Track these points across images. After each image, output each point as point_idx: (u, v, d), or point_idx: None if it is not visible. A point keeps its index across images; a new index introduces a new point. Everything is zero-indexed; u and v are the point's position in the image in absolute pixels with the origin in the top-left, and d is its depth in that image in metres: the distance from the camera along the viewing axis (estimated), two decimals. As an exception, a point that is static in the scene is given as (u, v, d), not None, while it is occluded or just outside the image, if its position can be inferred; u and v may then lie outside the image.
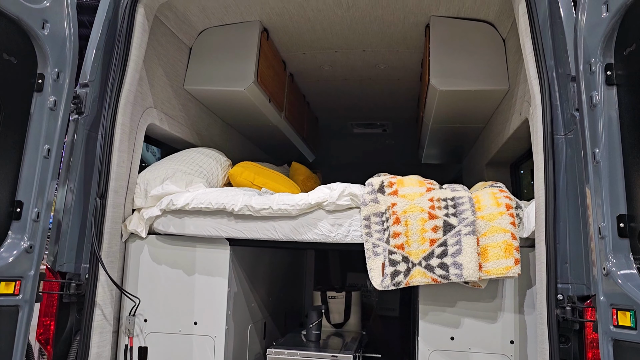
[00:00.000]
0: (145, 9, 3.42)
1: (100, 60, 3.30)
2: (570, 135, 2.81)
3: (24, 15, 2.63)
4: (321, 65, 5.38)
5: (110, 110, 3.25)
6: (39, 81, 2.75)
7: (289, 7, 4.09)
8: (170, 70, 4.16)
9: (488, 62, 4.07)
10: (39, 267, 2.68)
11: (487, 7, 3.88)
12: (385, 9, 4.08)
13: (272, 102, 4.90)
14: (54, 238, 3.12)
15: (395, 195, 3.22)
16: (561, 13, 2.90)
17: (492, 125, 4.84)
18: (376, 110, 6.95)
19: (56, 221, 3.17)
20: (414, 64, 5.22)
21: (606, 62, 2.45)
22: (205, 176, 3.87)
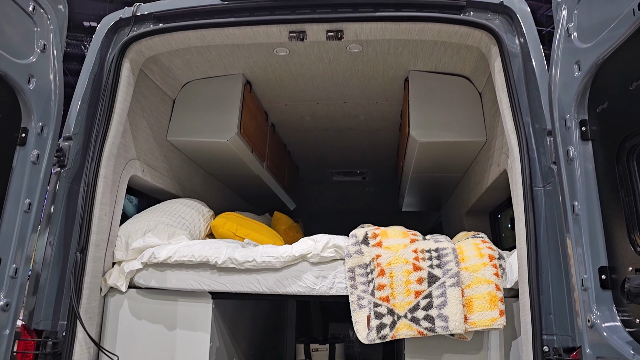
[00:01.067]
0: (131, 63, 3.47)
1: (85, 114, 3.30)
2: (549, 187, 2.88)
3: (10, 71, 2.63)
4: (302, 116, 5.48)
5: (93, 163, 3.24)
6: (22, 135, 2.74)
7: (271, 61, 4.19)
8: (153, 121, 4.18)
9: (466, 114, 4.20)
10: (15, 326, 2.59)
11: (463, 63, 4.03)
12: (365, 64, 4.21)
13: (255, 153, 4.94)
14: (32, 293, 3.02)
15: (380, 247, 3.23)
16: (535, 70, 3.03)
17: (470, 175, 4.94)
18: (356, 159, 7.05)
19: (34, 275, 3.08)
20: (394, 115, 5.35)
21: (580, 118, 2.56)
22: (188, 228, 3.83)
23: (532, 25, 3.15)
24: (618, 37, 2.22)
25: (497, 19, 3.22)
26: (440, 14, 3.20)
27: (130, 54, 3.45)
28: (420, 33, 3.36)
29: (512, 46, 3.14)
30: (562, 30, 2.75)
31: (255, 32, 3.42)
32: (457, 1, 3.19)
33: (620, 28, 2.20)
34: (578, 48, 2.55)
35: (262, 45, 3.82)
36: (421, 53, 3.97)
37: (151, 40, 3.46)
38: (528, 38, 3.10)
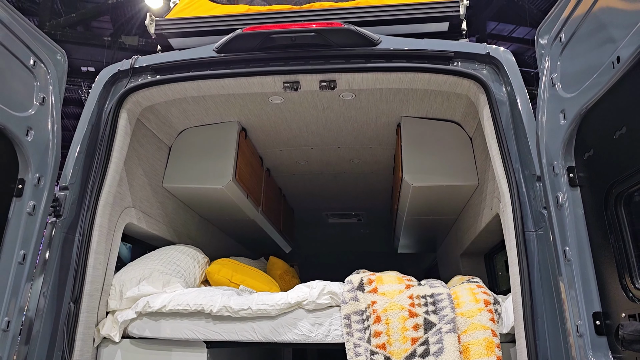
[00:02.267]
0: (129, 113, 3.54)
1: (82, 163, 3.34)
2: (541, 231, 2.91)
3: (9, 124, 2.68)
4: (297, 161, 5.54)
5: (89, 212, 3.25)
6: (19, 186, 2.76)
7: (266, 109, 4.28)
8: (149, 169, 4.22)
9: (457, 159, 4.27)
10: (6, 381, 2.55)
11: (454, 109, 4.13)
12: (358, 111, 4.31)
13: (250, 198, 4.97)
14: (24, 344, 2.98)
15: (375, 293, 3.23)
16: (522, 118, 3.11)
17: (464, 218, 4.97)
18: (351, 201, 7.09)
19: (27, 326, 3.04)
20: (387, 158, 5.43)
21: (568, 165, 2.62)
22: (183, 275, 3.82)
23: (517, 74, 3.26)
24: (600, 88, 2.31)
25: (484, 69, 3.33)
26: (430, 64, 3.31)
27: (128, 104, 3.53)
28: (410, 82, 3.46)
29: (500, 94, 3.24)
30: (546, 80, 2.85)
31: (250, 82, 3.51)
32: (445, 52, 3.30)
33: (602, 80, 2.28)
34: (562, 97, 2.64)
35: (257, 94, 3.91)
36: (412, 100, 4.07)
37: (148, 91, 3.54)
38: (514, 86, 3.20)
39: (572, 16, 2.65)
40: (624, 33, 2.15)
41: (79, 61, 19.58)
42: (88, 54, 18.63)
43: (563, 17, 2.73)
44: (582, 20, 2.54)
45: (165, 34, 3.82)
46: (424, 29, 3.65)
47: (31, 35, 2.94)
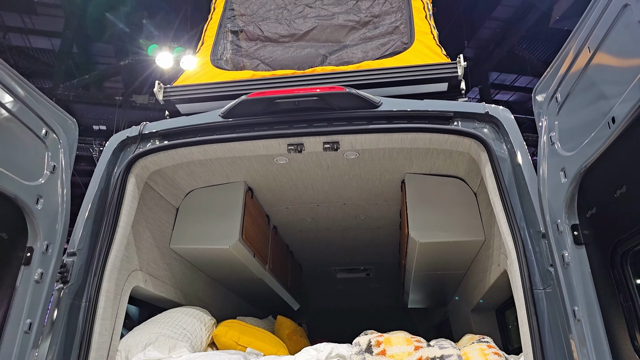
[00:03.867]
0: (137, 178, 3.61)
1: (90, 229, 3.38)
2: (549, 289, 2.87)
3: (20, 193, 2.73)
4: (304, 218, 5.56)
5: (96, 277, 3.26)
6: (27, 254, 2.79)
7: (272, 169, 4.35)
8: (156, 231, 4.26)
9: (463, 214, 4.28)
10: None
11: (457, 166, 4.18)
12: (362, 168, 4.36)
13: (257, 257, 4.97)
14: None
15: (384, 356, 3.17)
16: (524, 175, 3.14)
17: (472, 273, 4.92)
18: (359, 256, 7.06)
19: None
20: (393, 213, 5.44)
21: (572, 223, 2.61)
22: (189, 339, 3.77)
23: (517, 131, 3.31)
24: (597, 147, 2.34)
25: (485, 128, 3.39)
26: (430, 124, 3.38)
27: (136, 169, 3.60)
28: (412, 142, 3.52)
29: (500, 152, 3.28)
30: (545, 138, 2.89)
31: (255, 145, 3.59)
32: (445, 112, 3.37)
33: (598, 140, 2.32)
34: (562, 155, 2.67)
35: (262, 156, 3.99)
36: (415, 158, 4.13)
37: (156, 156, 3.62)
38: (514, 144, 3.25)
39: (567, 76, 2.72)
40: (617, 93, 2.20)
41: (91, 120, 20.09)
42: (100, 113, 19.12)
43: (559, 77, 2.80)
44: (577, 80, 2.61)
45: (173, 100, 3.94)
46: (424, 89, 3.75)
47: (43, 105, 3.04)
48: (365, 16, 4.34)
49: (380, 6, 4.40)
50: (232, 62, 4.29)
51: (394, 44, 4.05)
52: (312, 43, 4.29)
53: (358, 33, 4.26)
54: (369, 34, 4.22)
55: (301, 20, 4.40)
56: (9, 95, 2.74)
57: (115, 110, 17.98)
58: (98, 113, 19.19)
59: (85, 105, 18.36)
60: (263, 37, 4.39)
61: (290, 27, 4.40)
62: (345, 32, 4.29)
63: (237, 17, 4.58)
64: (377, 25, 4.25)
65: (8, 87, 2.73)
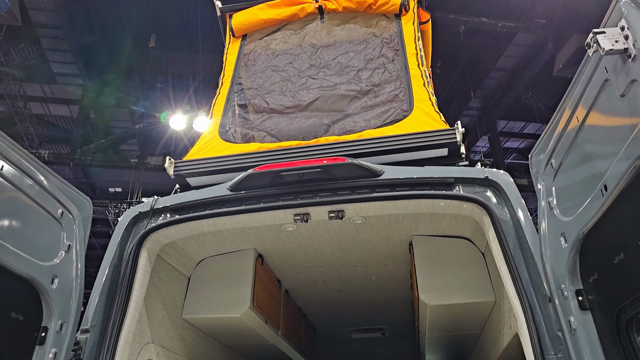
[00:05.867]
0: (149, 252, 3.71)
1: (103, 305, 3.44)
2: (560, 355, 2.84)
3: (36, 274, 2.83)
4: (315, 281, 5.58)
5: (109, 354, 3.29)
6: (42, 334, 2.85)
7: (281, 236, 4.43)
8: (169, 302, 4.30)
9: (472, 275, 4.27)
10: None
11: (463, 227, 4.22)
12: (369, 232, 4.42)
13: (269, 323, 4.97)
14: None
15: None
16: (527, 239, 3.17)
17: (486, 333, 4.86)
18: (373, 316, 6.98)
19: None
20: (403, 274, 5.44)
21: (576, 288, 2.63)
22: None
23: (517, 195, 3.38)
24: (593, 214, 2.39)
25: (487, 191, 3.46)
26: (432, 190, 3.46)
27: (148, 243, 3.71)
28: (415, 207, 3.60)
29: (502, 215, 3.33)
30: (544, 203, 2.95)
31: (263, 216, 3.69)
32: (446, 179, 3.46)
33: (594, 207, 2.37)
34: (561, 221, 2.72)
35: (270, 225, 4.08)
36: (421, 221, 4.19)
37: (167, 230, 3.73)
38: (515, 207, 3.31)
39: (560, 142, 2.80)
40: (607, 162, 2.27)
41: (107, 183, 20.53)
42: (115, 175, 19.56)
43: (553, 142, 2.89)
44: (570, 147, 2.69)
45: (183, 174, 4.09)
46: (424, 155, 3.86)
47: (59, 187, 3.19)
48: (366, 85, 4.52)
49: (380, 75, 4.59)
50: (240, 135, 4.46)
51: (394, 112, 4.20)
52: (316, 113, 4.46)
53: (359, 102, 4.43)
54: (370, 102, 4.38)
55: (305, 92, 4.59)
56: (27, 178, 2.89)
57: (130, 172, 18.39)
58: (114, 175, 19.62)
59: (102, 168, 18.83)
60: (269, 109, 4.58)
61: (295, 99, 4.59)
62: (347, 101, 4.46)
63: (244, 90, 4.80)
64: (377, 94, 4.42)
65: (25, 171, 2.88)
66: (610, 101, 2.29)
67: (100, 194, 21.09)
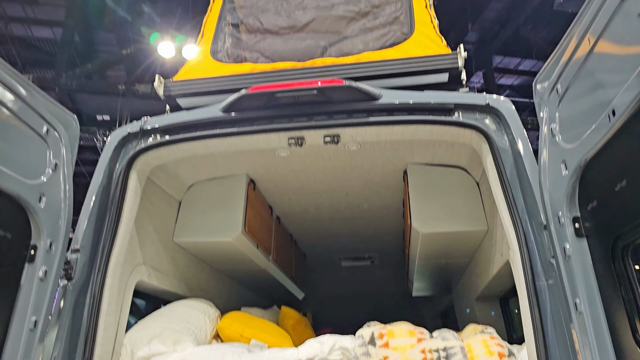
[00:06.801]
0: (138, 174, 3.61)
1: (93, 225, 3.39)
2: (551, 281, 2.87)
3: (23, 192, 2.74)
4: (307, 208, 5.58)
5: (100, 274, 3.28)
6: (31, 252, 2.81)
7: (273, 162, 4.35)
8: (159, 225, 4.28)
9: (465, 204, 4.27)
10: None
11: (459, 156, 4.16)
12: (364, 159, 4.35)
13: (260, 248, 4.99)
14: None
15: (387, 348, 3.19)
16: (526, 166, 3.12)
17: (476, 262, 4.93)
18: (363, 244, 7.08)
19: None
20: (396, 203, 5.44)
21: (573, 215, 2.61)
22: (193, 332, 3.80)
23: (518, 122, 3.29)
24: (597, 140, 2.32)
25: (486, 119, 3.37)
26: (431, 116, 3.36)
27: (138, 165, 3.61)
28: (413, 134, 3.50)
29: (502, 143, 3.26)
30: (546, 129, 2.87)
31: (256, 139, 3.59)
32: (446, 104, 3.35)
33: (599, 132, 2.30)
34: (563, 148, 2.65)
35: (264, 149, 3.99)
36: (417, 148, 4.12)
37: (158, 152, 3.62)
38: (516, 135, 3.23)
39: (568, 67, 2.68)
40: (617, 86, 2.17)
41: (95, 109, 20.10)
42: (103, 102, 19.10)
43: (559, 67, 2.77)
44: (578, 71, 2.58)
45: (173, 95, 3.93)
46: (424, 80, 3.71)
47: (43, 103, 3.04)
48: (365, 7, 4.29)
49: (380, -4, 4.35)
50: (233, 55, 4.26)
51: (394, 35, 4.01)
52: (312, 34, 4.25)
53: (358, 24, 4.22)
54: (368, 24, 4.17)
55: (301, 12, 4.36)
56: (9, 93, 2.74)
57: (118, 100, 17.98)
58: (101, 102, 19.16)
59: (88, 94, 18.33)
60: (263, 30, 4.35)
61: (290, 19, 4.36)
62: (345, 23, 4.24)
63: (237, 9, 4.55)
64: (377, 16, 4.20)
65: (8, 86, 2.72)
66: (627, 21, 2.16)
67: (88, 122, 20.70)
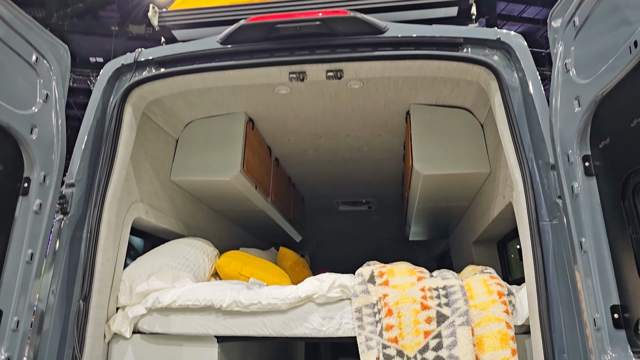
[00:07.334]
0: (133, 108, 3.49)
1: (88, 159, 3.31)
2: (555, 221, 2.84)
3: (13, 122, 2.65)
4: (306, 150, 5.48)
5: (96, 209, 3.23)
6: (24, 185, 2.74)
7: (273, 99, 4.22)
8: (156, 162, 4.19)
9: (468, 146, 4.19)
10: (17, 380, 2.55)
11: (464, 96, 4.04)
12: (366, 99, 4.23)
13: (258, 189, 4.94)
14: (34, 343, 2.98)
15: (386, 286, 3.19)
16: (535, 104, 3.02)
17: (476, 205, 4.90)
18: (361, 189, 7.04)
19: (37, 324, 3.04)
20: (397, 145, 5.35)
21: (583, 154, 2.53)
22: (192, 269, 3.80)
23: (530, 59, 3.16)
24: (616, 74, 2.21)
25: (495, 55, 3.23)
26: (439, 51, 3.22)
27: (133, 98, 3.48)
28: (419, 70, 3.37)
29: (511, 80, 3.14)
30: (560, 65, 2.75)
31: (255, 73, 3.45)
32: (455, 38, 3.20)
33: (618, 66, 2.19)
34: (577, 84, 2.54)
35: (263, 85, 3.85)
36: (421, 87, 3.99)
37: (153, 85, 3.49)
38: (526, 72, 3.10)
39: (586, -1, 2.54)
40: (641, 16, 2.05)
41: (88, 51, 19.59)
42: (96, 44, 18.60)
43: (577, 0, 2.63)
44: (597, 2, 2.44)
45: (168, 26, 3.75)
46: (432, 14, 3.54)
47: (33, 31, 2.88)
48: None
49: None
50: (230, -16, 4.04)
51: (402, -35, 3.79)
52: (315, -37, 4.02)
53: (363, -47, 3.98)
54: (375, -47, 3.94)
55: (303, -62, 4.11)
56: (-7, 16, 2.59)
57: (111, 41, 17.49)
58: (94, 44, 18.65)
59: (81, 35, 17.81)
60: (262, -43, 4.11)
61: (292, -55, 4.11)
62: (350, -49, 4.01)
63: None
64: (383, -55, 3.97)
65: (-9, 8, 2.57)
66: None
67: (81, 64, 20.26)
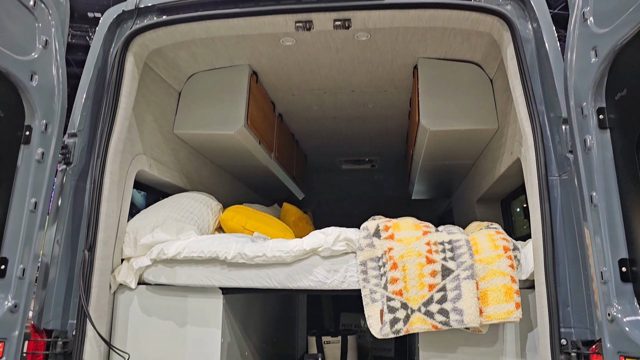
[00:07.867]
0: (135, 57, 3.40)
1: (89, 109, 3.25)
2: (565, 176, 2.80)
3: (12, 68, 2.58)
4: (310, 106, 5.40)
5: (99, 159, 3.19)
6: (26, 133, 2.69)
7: (278, 51, 4.12)
8: (159, 115, 4.12)
9: (477, 102, 4.11)
10: (24, 327, 2.57)
11: (474, 49, 3.93)
12: (373, 52, 4.12)
13: (262, 144, 4.88)
14: (40, 292, 3.01)
15: (392, 240, 3.18)
16: (549, 56, 2.93)
17: (482, 163, 4.85)
18: (365, 147, 6.98)
19: (42, 274, 3.05)
20: (402, 102, 5.26)
21: (598, 106, 2.47)
22: (197, 222, 3.79)
23: (545, 9, 3.05)
24: (637, 21, 2.13)
25: (509, 4, 3.12)
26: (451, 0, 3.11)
27: (134, 47, 3.39)
28: (430, 20, 3.26)
29: (525, 32, 3.05)
30: (577, 15, 2.65)
31: (260, 22, 3.34)
32: (468, -14, 3.09)
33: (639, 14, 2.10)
34: (594, 33, 2.46)
35: (267, 35, 3.75)
36: (430, 40, 3.88)
37: (155, 33, 3.39)
38: (541, 23, 3.00)
39: (609, -57, 2.43)
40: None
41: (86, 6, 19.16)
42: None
43: (598, -55, 2.51)
44: (621, -54, 2.33)
45: (170, -28, 3.62)
46: (445, -39, 3.40)
47: (29, -27, 2.78)
48: None
49: None
50: None
51: None
52: None
53: None
54: None
55: None
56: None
57: (110, -5, 17.10)
58: (92, -2, 18.26)
59: (79, -13, 17.42)
60: None
61: None
62: None
63: None
64: None
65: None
66: None
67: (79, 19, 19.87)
